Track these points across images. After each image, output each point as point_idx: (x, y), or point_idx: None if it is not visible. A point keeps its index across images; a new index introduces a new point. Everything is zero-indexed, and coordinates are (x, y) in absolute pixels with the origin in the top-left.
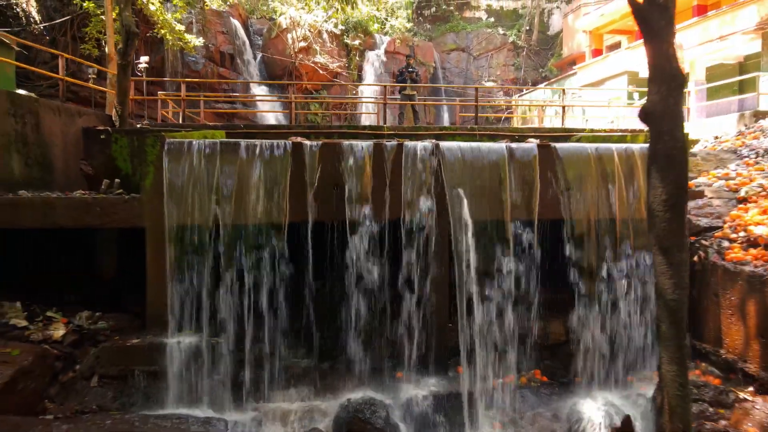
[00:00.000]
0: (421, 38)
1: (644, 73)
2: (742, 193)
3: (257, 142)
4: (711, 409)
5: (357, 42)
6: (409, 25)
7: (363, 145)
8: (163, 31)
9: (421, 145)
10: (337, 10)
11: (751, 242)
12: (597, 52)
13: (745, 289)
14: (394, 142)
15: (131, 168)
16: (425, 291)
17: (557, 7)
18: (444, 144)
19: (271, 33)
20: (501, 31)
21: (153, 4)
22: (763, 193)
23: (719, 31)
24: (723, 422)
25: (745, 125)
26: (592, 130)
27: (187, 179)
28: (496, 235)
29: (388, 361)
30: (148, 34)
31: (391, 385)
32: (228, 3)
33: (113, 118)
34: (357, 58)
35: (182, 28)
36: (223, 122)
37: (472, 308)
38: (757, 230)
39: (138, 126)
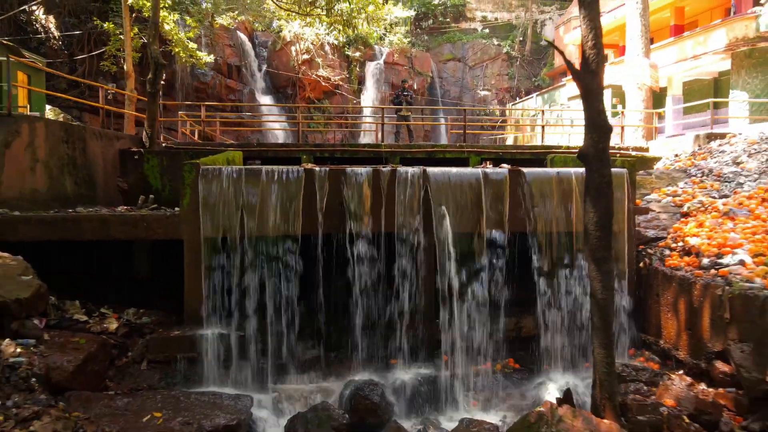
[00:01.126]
0: (418, 49)
1: (627, 87)
2: (685, 209)
3: (275, 168)
4: (645, 388)
5: (357, 54)
6: (407, 40)
7: (363, 170)
8: (177, 49)
9: (411, 170)
10: (339, 30)
11: (686, 251)
12: None
13: (678, 290)
14: (388, 168)
15: (161, 184)
16: (415, 292)
17: (550, 19)
18: (430, 169)
19: (276, 46)
20: (495, 42)
21: (168, 23)
22: (702, 208)
23: (693, 51)
24: (652, 398)
25: (699, 146)
26: (568, 148)
27: (218, 199)
28: (474, 245)
29: (384, 350)
30: (160, 49)
31: (387, 370)
32: (236, 20)
33: (143, 140)
34: (357, 69)
35: (195, 46)
36: (233, 132)
37: (453, 307)
38: (692, 240)
39: (164, 145)
